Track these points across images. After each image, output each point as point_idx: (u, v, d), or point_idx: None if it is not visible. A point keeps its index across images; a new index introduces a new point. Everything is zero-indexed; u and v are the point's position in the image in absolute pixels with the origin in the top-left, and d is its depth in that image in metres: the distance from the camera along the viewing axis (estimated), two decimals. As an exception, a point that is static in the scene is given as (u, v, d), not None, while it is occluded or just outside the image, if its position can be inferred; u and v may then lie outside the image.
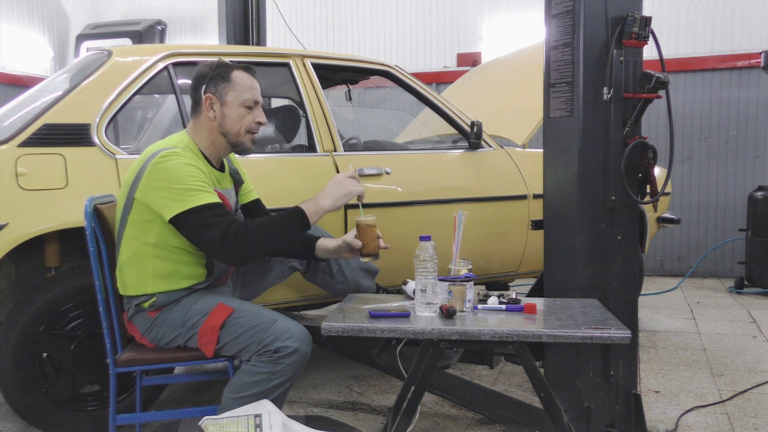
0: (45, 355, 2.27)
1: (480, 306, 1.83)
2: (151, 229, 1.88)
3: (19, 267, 2.44)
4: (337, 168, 2.75)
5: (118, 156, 2.36)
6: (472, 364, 2.90)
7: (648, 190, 2.19)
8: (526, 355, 1.72)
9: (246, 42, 4.85)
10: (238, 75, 1.97)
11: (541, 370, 1.93)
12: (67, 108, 2.34)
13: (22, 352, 2.21)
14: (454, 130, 3.22)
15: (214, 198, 1.84)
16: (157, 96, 3.44)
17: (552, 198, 2.25)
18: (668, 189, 3.89)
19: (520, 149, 3.33)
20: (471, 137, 3.11)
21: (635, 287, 2.25)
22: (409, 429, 1.81)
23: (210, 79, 1.95)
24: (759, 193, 5.10)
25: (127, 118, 3.39)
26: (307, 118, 2.81)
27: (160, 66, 2.54)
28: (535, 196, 3.17)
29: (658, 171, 2.68)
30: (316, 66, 2.90)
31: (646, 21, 2.07)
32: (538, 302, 1.89)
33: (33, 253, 2.37)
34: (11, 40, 6.65)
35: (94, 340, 2.26)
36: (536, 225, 2.40)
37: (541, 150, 2.32)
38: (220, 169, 2.05)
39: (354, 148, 3.04)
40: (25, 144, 2.23)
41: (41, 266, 2.40)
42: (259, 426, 1.55)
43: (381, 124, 6.64)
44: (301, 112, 3.04)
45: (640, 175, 2.17)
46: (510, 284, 3.70)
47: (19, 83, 6.38)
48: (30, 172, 2.20)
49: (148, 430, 2.42)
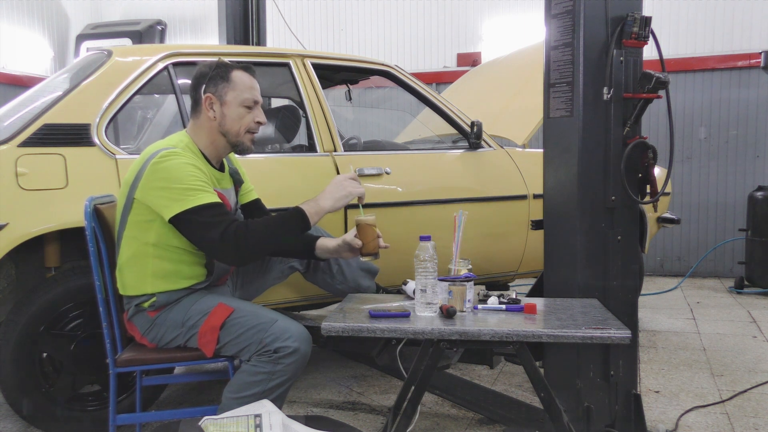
0: (45, 355, 2.27)
1: (480, 306, 1.83)
2: (151, 229, 1.88)
3: (19, 267, 2.44)
4: (337, 168, 2.75)
5: (118, 156, 2.36)
6: (472, 364, 2.90)
7: (648, 190, 2.19)
8: (526, 355, 1.72)
9: (246, 42, 4.85)
10: (237, 75, 1.97)
11: (541, 370, 1.93)
12: (67, 108, 2.34)
13: (22, 352, 2.21)
14: (454, 130, 3.21)
15: (213, 198, 1.84)
16: (157, 96, 3.44)
17: (552, 198, 2.25)
18: (668, 189, 3.89)
19: (520, 149, 3.33)
20: (471, 137, 3.11)
21: (635, 287, 2.25)
22: (409, 429, 1.81)
23: (210, 78, 1.95)
24: (759, 193, 5.10)
25: (127, 118, 3.39)
26: (307, 118, 2.81)
27: (160, 66, 2.54)
28: (535, 196, 3.17)
29: (658, 171, 2.68)
30: (316, 66, 2.90)
31: (646, 21, 2.07)
32: (538, 302, 1.89)
33: (33, 253, 2.37)
34: (11, 40, 6.65)
35: (94, 340, 2.25)
36: (536, 225, 2.40)
37: (541, 150, 2.32)
38: (220, 169, 2.05)
39: (354, 148, 3.04)
40: (25, 144, 2.23)
41: (41, 266, 2.40)
42: (259, 426, 1.55)
43: (381, 124, 6.64)
44: (301, 112, 3.04)
45: (640, 175, 2.17)
46: (510, 284, 3.70)
47: (19, 83, 6.38)
48: (30, 172, 2.20)
49: (148, 430, 2.42)
